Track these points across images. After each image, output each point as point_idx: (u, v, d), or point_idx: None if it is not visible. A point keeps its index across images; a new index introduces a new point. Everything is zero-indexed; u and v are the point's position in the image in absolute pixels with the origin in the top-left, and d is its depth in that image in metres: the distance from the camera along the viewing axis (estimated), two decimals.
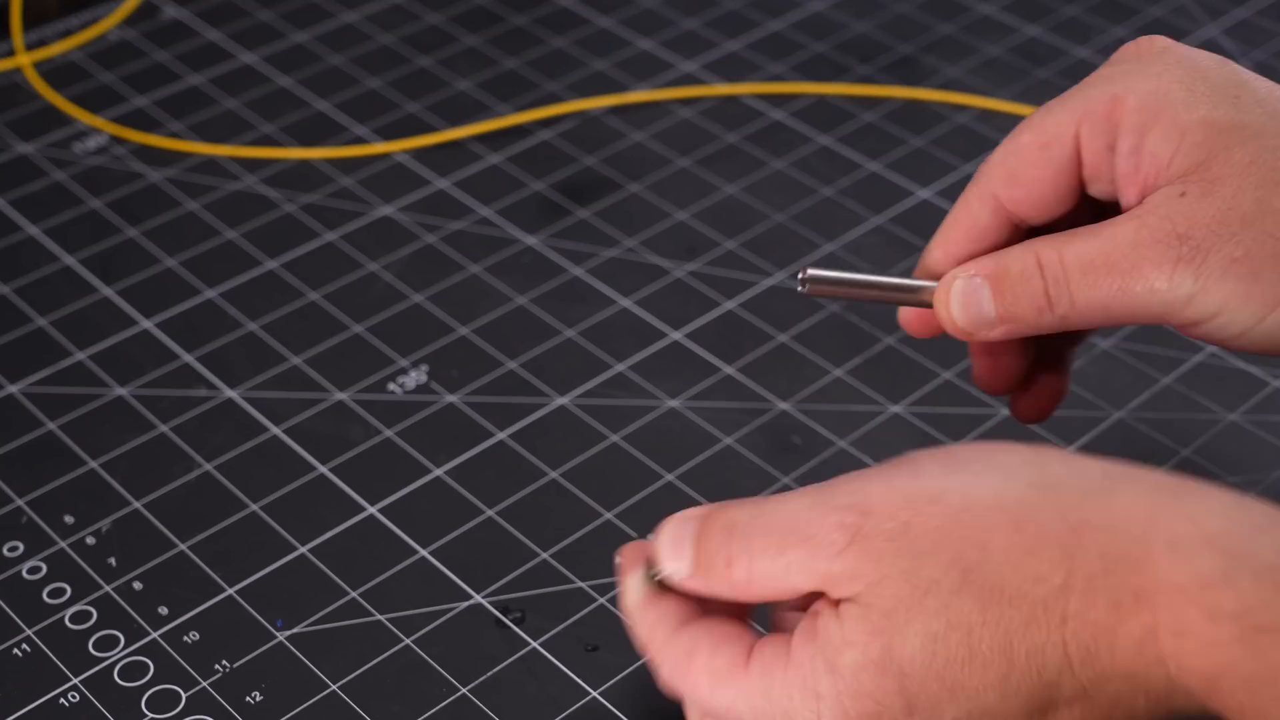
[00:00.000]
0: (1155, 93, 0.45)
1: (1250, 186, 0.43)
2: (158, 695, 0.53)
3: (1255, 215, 0.43)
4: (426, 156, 0.75)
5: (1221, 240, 0.44)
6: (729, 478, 0.60)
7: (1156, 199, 0.45)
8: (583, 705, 0.53)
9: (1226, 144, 0.43)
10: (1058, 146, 0.46)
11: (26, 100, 0.78)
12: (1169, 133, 0.44)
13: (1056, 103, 0.47)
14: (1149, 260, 0.44)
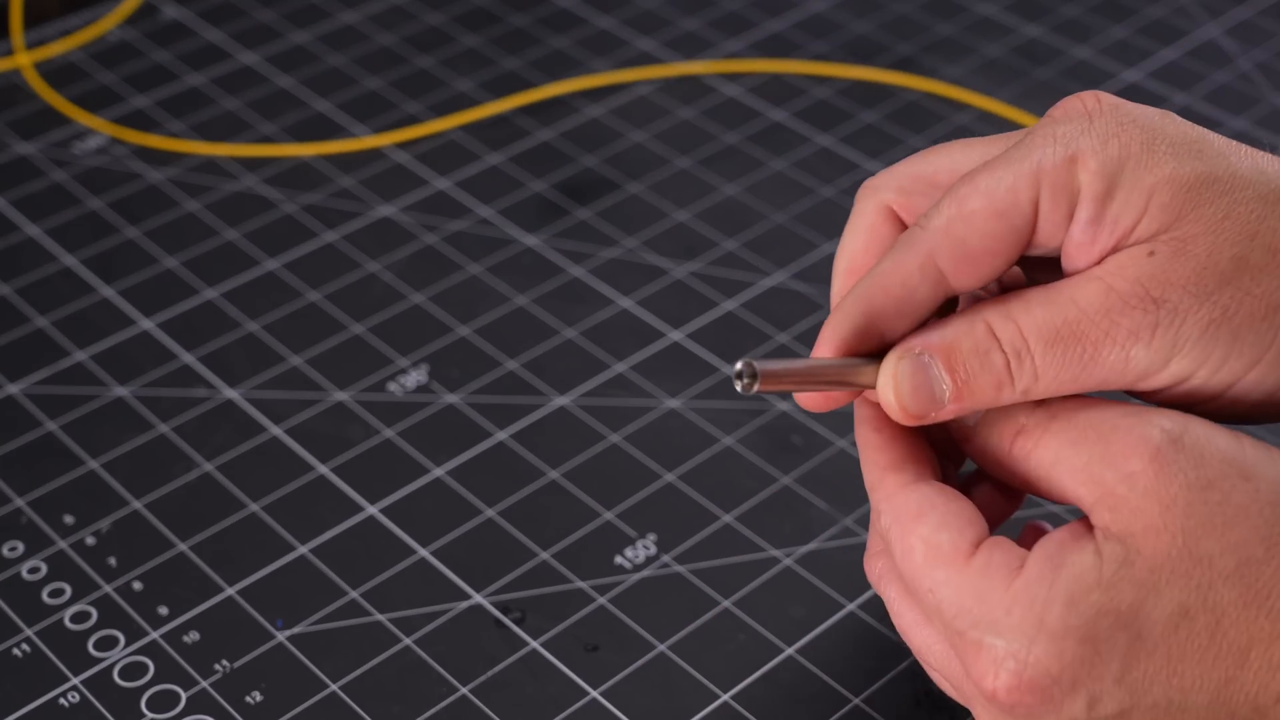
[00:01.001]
0: (1115, 154, 0.41)
1: (1226, 244, 0.41)
2: (158, 695, 0.53)
3: (1232, 273, 0.41)
4: (426, 156, 0.75)
5: (1199, 301, 0.41)
6: (729, 478, 0.60)
7: (1121, 260, 0.41)
8: (583, 705, 0.53)
9: (1196, 201, 0.41)
10: (1015, 215, 0.42)
11: (26, 100, 0.78)
12: (1133, 198, 0.41)
13: (1002, 165, 0.42)
14: (1122, 328, 0.41)
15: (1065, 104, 0.43)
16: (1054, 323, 0.41)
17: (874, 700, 0.53)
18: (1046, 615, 0.39)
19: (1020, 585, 0.40)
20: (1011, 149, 0.43)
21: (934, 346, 0.42)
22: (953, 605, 0.41)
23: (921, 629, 0.44)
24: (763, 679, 0.54)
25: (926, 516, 0.41)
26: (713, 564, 0.57)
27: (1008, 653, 0.40)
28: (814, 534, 0.58)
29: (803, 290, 0.68)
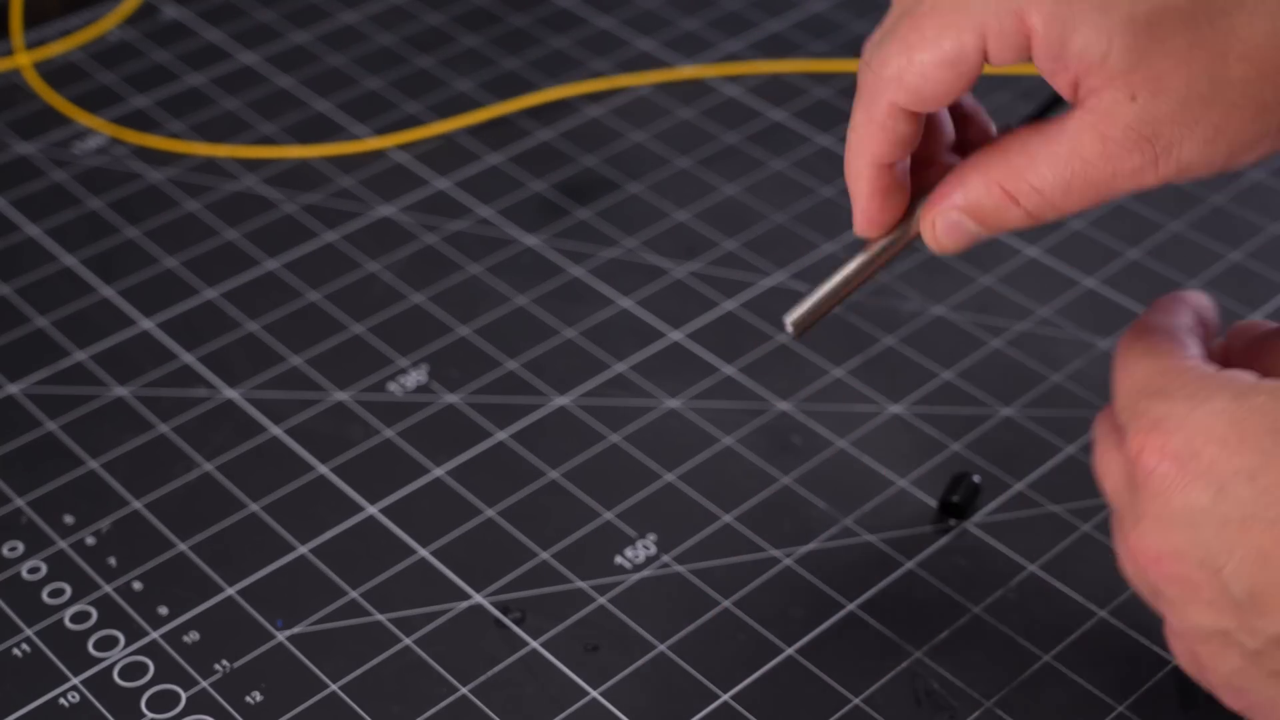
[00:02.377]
0: (1061, 5, 0.42)
1: (1200, 71, 0.41)
2: (158, 695, 0.53)
3: (1214, 94, 0.42)
4: (427, 156, 0.75)
5: (1190, 128, 0.42)
6: (729, 478, 0.60)
7: (1107, 106, 0.42)
8: (583, 705, 0.53)
9: (1160, 36, 0.41)
10: (964, 64, 0.43)
11: (26, 100, 0.78)
12: (1094, 38, 0.42)
13: (947, 21, 0.43)
14: (1127, 167, 0.43)
15: None
16: (1065, 176, 0.44)
17: (874, 700, 0.53)
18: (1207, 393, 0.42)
19: (1197, 372, 0.43)
20: (944, 3, 0.43)
21: (961, 207, 0.46)
22: (1135, 381, 0.44)
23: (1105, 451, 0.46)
24: (763, 679, 0.54)
25: None
26: (713, 564, 0.57)
27: (1168, 413, 0.42)
28: (814, 534, 0.58)
29: (803, 290, 0.68)
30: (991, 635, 0.55)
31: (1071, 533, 0.58)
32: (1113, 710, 0.53)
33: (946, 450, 0.61)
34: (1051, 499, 0.59)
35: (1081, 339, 0.66)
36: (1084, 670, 0.54)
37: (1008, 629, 0.55)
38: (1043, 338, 0.66)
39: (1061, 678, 0.54)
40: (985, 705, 0.53)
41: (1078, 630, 0.55)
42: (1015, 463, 0.61)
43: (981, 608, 0.56)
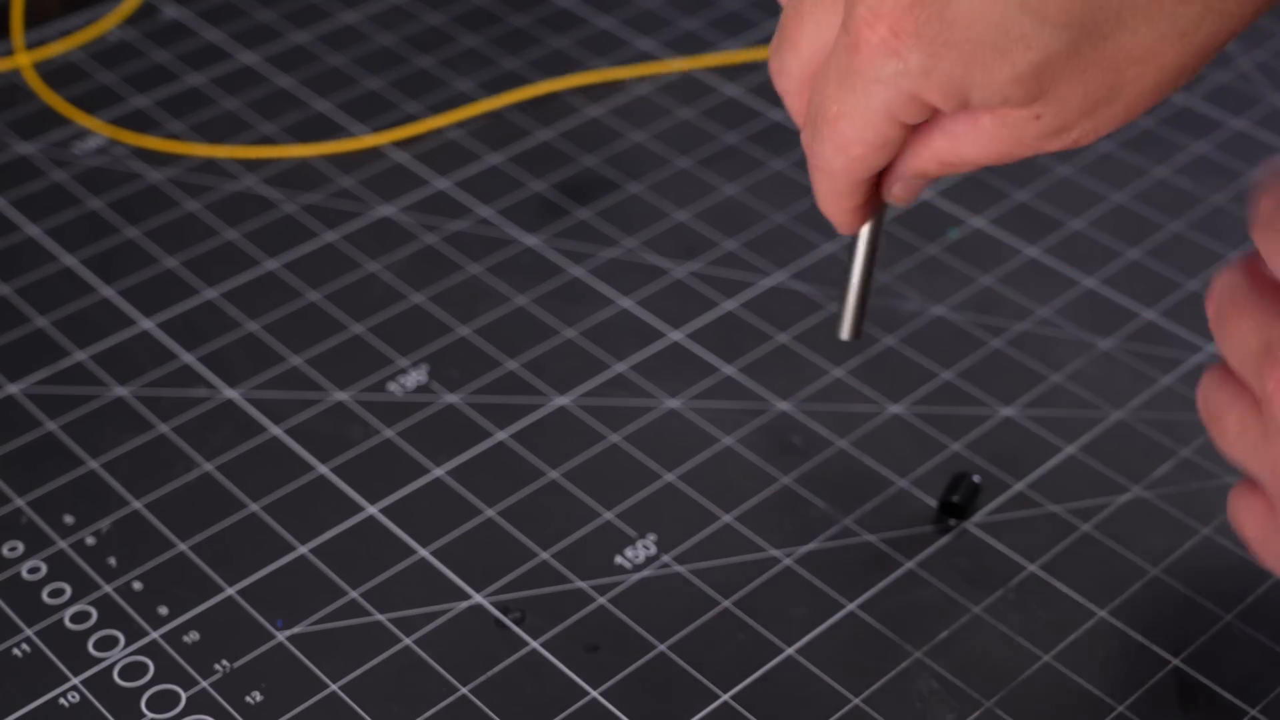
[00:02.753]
0: (951, 79, 0.43)
1: (1096, 85, 0.42)
2: (158, 695, 0.53)
3: (1114, 95, 0.43)
4: (426, 156, 0.75)
5: (1099, 119, 0.44)
6: (729, 478, 0.60)
7: (1015, 120, 0.44)
8: (583, 705, 0.53)
9: (1050, 77, 0.42)
10: (893, 138, 0.46)
11: (26, 100, 0.78)
12: (988, 96, 0.43)
13: (848, 116, 0.46)
14: (1048, 147, 0.45)
15: (865, 40, 0.43)
16: (991, 157, 0.45)
17: (874, 700, 0.53)
18: None
19: None
20: (853, 93, 0.44)
21: (909, 177, 0.48)
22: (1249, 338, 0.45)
23: None
24: (763, 679, 0.54)
25: None
26: (713, 564, 0.57)
27: None
28: (814, 534, 0.58)
29: (803, 290, 0.68)
30: (991, 635, 0.55)
31: (1071, 533, 0.58)
32: (1113, 710, 0.53)
33: (946, 450, 0.61)
34: (1051, 499, 0.59)
35: (1081, 339, 0.66)
36: (1084, 670, 0.54)
37: (1008, 629, 0.55)
38: (1043, 338, 0.66)
39: (1061, 678, 0.54)
40: (985, 705, 0.53)
41: (1078, 630, 0.55)
42: (1015, 463, 0.61)
43: (981, 608, 0.56)
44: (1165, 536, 0.58)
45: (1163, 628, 0.55)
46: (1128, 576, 0.57)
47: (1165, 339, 0.66)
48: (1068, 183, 0.74)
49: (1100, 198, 0.73)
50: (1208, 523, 0.58)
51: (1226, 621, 0.55)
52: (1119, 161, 0.75)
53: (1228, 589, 0.56)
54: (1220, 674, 0.54)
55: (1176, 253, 0.70)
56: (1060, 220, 0.72)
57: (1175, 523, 0.59)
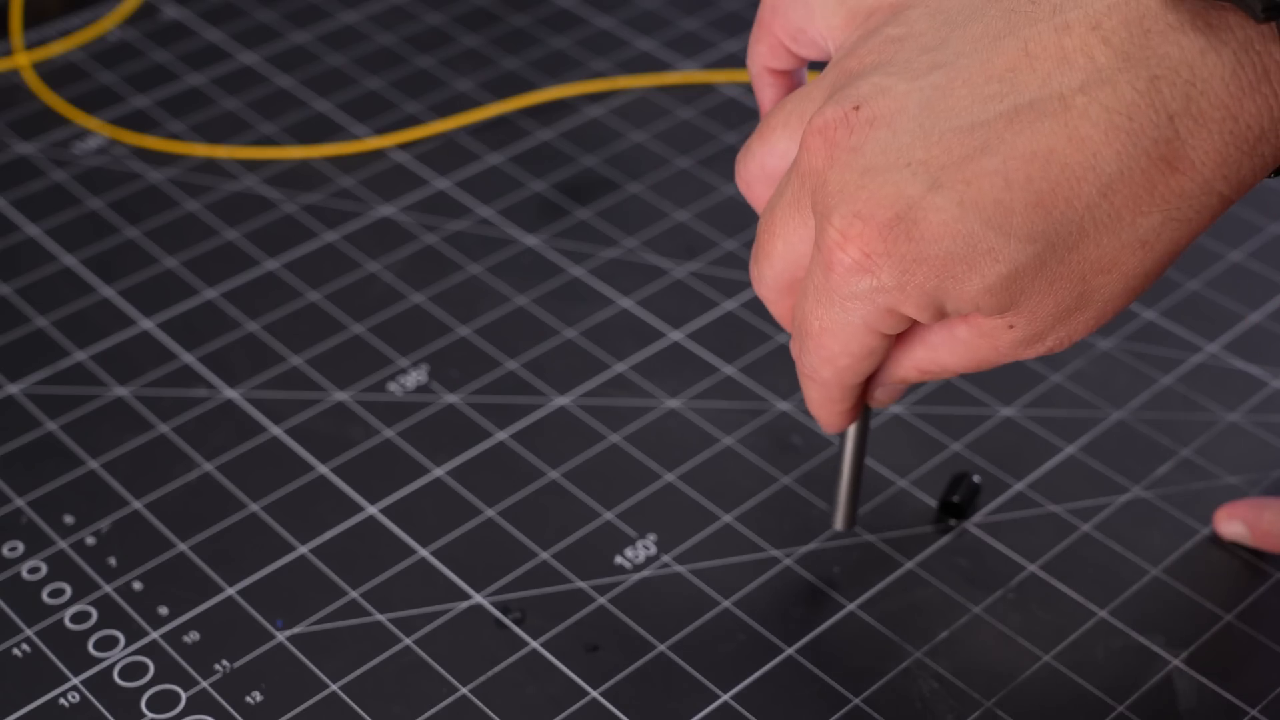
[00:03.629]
0: (924, 294, 0.44)
1: (1065, 294, 0.44)
2: (158, 695, 0.53)
3: (1083, 303, 0.44)
4: (427, 156, 0.75)
5: (1071, 327, 0.45)
6: (729, 478, 0.60)
7: (989, 330, 0.46)
8: (583, 705, 0.53)
9: (1020, 288, 0.43)
10: (876, 349, 0.47)
11: (26, 100, 0.78)
12: (963, 304, 0.44)
13: (831, 332, 0.47)
14: (1025, 354, 0.47)
15: (838, 261, 0.45)
16: (968, 366, 0.47)
17: (874, 700, 0.53)
18: None
19: None
20: (831, 310, 0.46)
21: (891, 384, 0.50)
22: None
23: None
24: (763, 679, 0.54)
25: None
26: (713, 564, 0.57)
27: None
28: (814, 534, 0.58)
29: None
30: (991, 635, 0.55)
31: (1071, 533, 0.58)
32: (1113, 710, 0.53)
33: (946, 450, 0.61)
34: (1051, 499, 0.59)
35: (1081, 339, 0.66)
36: (1084, 670, 0.54)
37: (1008, 629, 0.55)
38: None
39: (1061, 678, 0.54)
40: (985, 705, 0.53)
41: (1078, 630, 0.55)
42: (1015, 463, 0.61)
43: (981, 608, 0.56)
44: (1165, 536, 0.58)
45: (1163, 628, 0.55)
46: (1128, 576, 0.57)
47: (1165, 339, 0.66)
48: None
49: None
50: (1208, 523, 0.58)
51: (1226, 621, 0.55)
52: None
53: (1228, 589, 0.56)
54: (1220, 674, 0.54)
55: None
56: None
57: (1175, 523, 0.59)
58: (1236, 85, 0.40)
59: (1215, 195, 0.42)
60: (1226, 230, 0.71)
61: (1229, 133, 0.41)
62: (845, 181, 0.43)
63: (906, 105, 0.43)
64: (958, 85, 0.42)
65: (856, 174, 0.43)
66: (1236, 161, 0.41)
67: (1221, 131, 0.41)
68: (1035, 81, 0.41)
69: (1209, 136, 0.41)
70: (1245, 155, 0.41)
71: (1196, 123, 0.41)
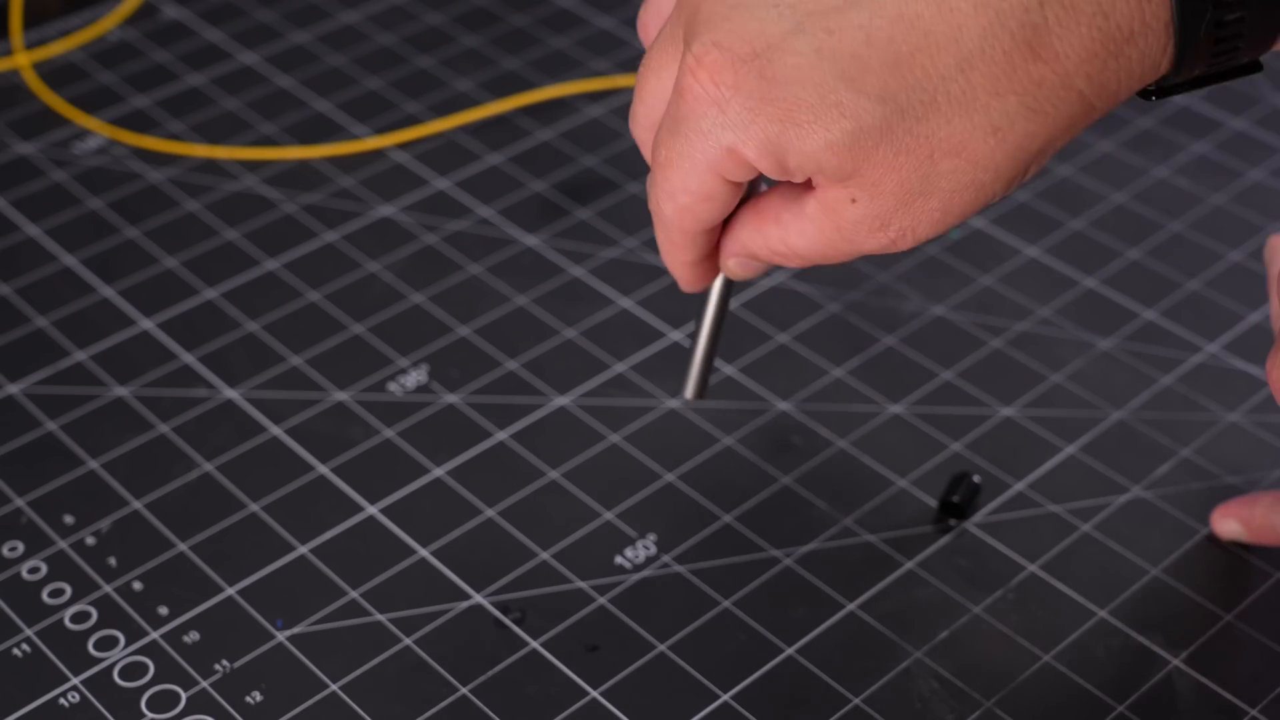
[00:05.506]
0: (765, 136, 0.44)
1: (909, 171, 0.43)
2: (158, 695, 0.53)
3: (929, 187, 0.43)
4: (427, 156, 0.75)
5: (916, 215, 0.44)
6: (729, 478, 0.60)
7: (833, 203, 0.45)
8: (583, 705, 0.53)
9: (862, 151, 0.43)
10: (719, 192, 0.47)
11: (26, 100, 0.78)
12: (803, 164, 0.44)
13: (673, 163, 0.46)
14: (869, 245, 0.46)
15: (688, 87, 0.44)
16: (816, 247, 0.47)
17: (874, 700, 0.53)
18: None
19: None
20: (676, 140, 0.46)
21: (742, 255, 0.49)
22: None
23: None
24: (763, 679, 0.54)
25: None
26: (713, 564, 0.57)
27: None
28: (814, 534, 0.58)
29: (802, 290, 0.68)
30: (991, 635, 0.55)
31: (1071, 533, 0.58)
32: (1113, 710, 0.53)
33: (946, 450, 0.61)
34: (1051, 499, 0.59)
35: (1081, 339, 0.66)
36: (1084, 670, 0.54)
37: (1008, 629, 0.55)
38: (1043, 338, 0.66)
39: (1061, 678, 0.54)
40: (985, 705, 0.53)
41: (1078, 630, 0.55)
42: (1015, 463, 0.61)
43: (981, 608, 0.56)
44: (1165, 536, 0.58)
45: (1163, 628, 0.55)
46: (1128, 576, 0.57)
47: (1165, 339, 0.66)
48: (1068, 183, 0.74)
49: (1100, 198, 0.73)
50: (1207, 523, 0.58)
51: (1226, 621, 0.55)
52: (1119, 161, 0.75)
53: (1228, 589, 0.56)
54: (1220, 674, 0.54)
55: (1176, 253, 0.70)
56: (1060, 220, 0.72)
57: (1175, 523, 0.59)
58: None
59: (1074, 92, 0.42)
60: (1226, 230, 0.71)
61: (1098, 29, 0.41)
62: (714, 12, 0.43)
63: None
64: None
65: (726, 6, 0.43)
66: (1101, 60, 0.41)
67: (1090, 26, 0.41)
68: None
69: (1077, 28, 0.41)
70: (1111, 55, 0.41)
71: (1066, 12, 0.41)
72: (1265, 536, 0.57)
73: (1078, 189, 0.73)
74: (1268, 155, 0.75)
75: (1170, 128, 0.77)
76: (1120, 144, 0.76)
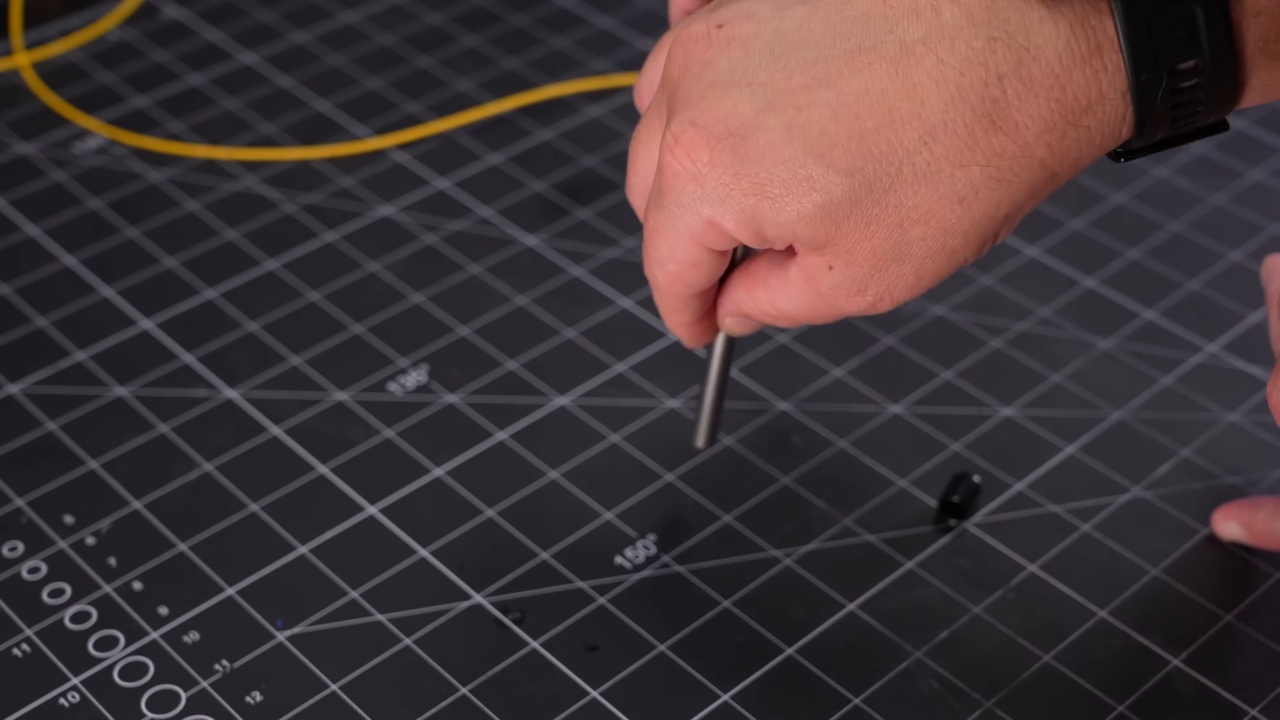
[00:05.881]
0: (742, 209, 0.45)
1: (882, 240, 0.45)
2: (158, 695, 0.53)
3: (901, 254, 0.45)
4: (427, 156, 0.75)
5: (891, 280, 0.46)
6: (729, 478, 0.60)
7: (812, 270, 0.46)
8: (583, 705, 0.53)
9: (834, 221, 0.44)
10: (704, 260, 0.48)
11: (26, 100, 0.78)
12: (780, 234, 0.45)
13: (660, 234, 0.48)
14: (850, 309, 0.47)
15: (668, 164, 0.46)
16: (801, 311, 0.48)
17: (874, 700, 0.53)
18: None
19: None
20: (660, 212, 0.47)
21: (737, 315, 0.52)
22: None
23: None
24: (763, 679, 0.54)
25: None
26: (713, 564, 0.57)
27: None
28: (814, 534, 0.58)
29: None
30: (991, 635, 0.55)
31: (1071, 533, 0.58)
32: (1113, 710, 0.53)
33: (946, 450, 0.61)
34: (1051, 499, 0.59)
35: (1081, 339, 0.66)
36: (1084, 670, 0.54)
37: (1008, 629, 0.55)
38: (1043, 338, 0.66)
39: (1061, 678, 0.54)
40: (985, 705, 0.53)
41: (1078, 630, 0.55)
42: (1015, 463, 0.61)
43: (981, 608, 0.56)
44: (1165, 536, 0.58)
45: (1163, 628, 0.55)
46: (1128, 576, 0.57)
47: (1165, 339, 0.66)
48: (1067, 182, 0.74)
49: (1100, 198, 0.73)
50: (1207, 523, 0.58)
51: (1226, 621, 0.55)
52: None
53: (1228, 589, 0.57)
54: (1220, 674, 0.54)
55: (1176, 253, 0.70)
56: (1060, 220, 0.72)
57: (1175, 523, 0.59)
58: (1069, 55, 0.42)
59: (1036, 161, 0.43)
60: (1226, 230, 0.71)
61: (1055, 100, 0.42)
62: (691, 91, 0.45)
63: (763, 31, 0.44)
64: (815, 22, 0.44)
65: (703, 85, 0.45)
66: (1060, 130, 0.42)
67: (1049, 98, 0.42)
68: (884, 28, 0.43)
69: (1035, 101, 0.42)
70: (1070, 124, 0.42)
71: (1025, 86, 0.42)
72: (1266, 541, 0.57)
73: (1078, 189, 0.73)
74: (1268, 155, 0.75)
75: None
76: None
